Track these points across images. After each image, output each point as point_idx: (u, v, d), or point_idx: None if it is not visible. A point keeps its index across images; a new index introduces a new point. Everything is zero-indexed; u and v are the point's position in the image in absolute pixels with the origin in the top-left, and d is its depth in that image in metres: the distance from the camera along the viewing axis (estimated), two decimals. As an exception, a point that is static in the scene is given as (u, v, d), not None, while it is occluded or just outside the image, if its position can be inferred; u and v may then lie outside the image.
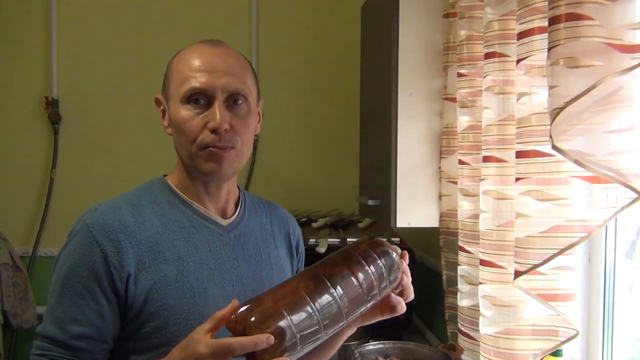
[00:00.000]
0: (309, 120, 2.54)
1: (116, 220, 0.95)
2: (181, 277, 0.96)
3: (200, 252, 0.99)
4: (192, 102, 0.96)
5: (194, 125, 0.95)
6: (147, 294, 0.93)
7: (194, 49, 1.00)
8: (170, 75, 1.00)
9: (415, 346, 1.39)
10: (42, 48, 2.48)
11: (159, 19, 2.51)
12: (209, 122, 0.95)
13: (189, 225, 1.00)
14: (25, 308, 2.33)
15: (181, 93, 0.96)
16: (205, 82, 0.95)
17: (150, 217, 0.98)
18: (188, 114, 0.96)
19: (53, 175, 2.48)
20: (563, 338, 1.03)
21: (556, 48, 0.87)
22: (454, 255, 1.45)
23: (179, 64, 0.99)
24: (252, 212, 1.12)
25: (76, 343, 0.92)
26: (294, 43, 2.54)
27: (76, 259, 0.94)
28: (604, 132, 0.85)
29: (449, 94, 1.49)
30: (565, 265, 1.01)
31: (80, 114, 2.51)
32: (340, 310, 0.84)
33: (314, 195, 2.52)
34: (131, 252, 0.94)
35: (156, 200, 1.01)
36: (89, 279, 0.92)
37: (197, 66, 0.96)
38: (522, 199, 1.03)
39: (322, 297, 0.82)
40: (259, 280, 1.05)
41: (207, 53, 0.98)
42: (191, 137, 0.96)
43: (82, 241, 0.94)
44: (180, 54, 1.02)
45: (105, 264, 0.92)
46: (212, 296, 0.97)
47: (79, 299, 0.93)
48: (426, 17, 1.52)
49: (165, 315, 0.93)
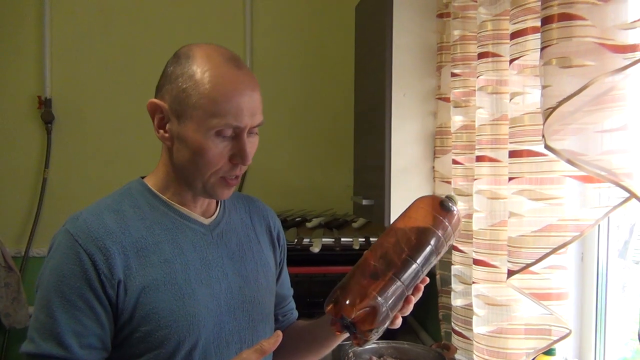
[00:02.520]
0: (302, 120, 2.54)
1: (100, 227, 0.93)
2: (169, 279, 0.95)
3: (185, 253, 0.98)
4: (221, 135, 0.93)
5: (217, 155, 0.94)
6: (136, 299, 0.92)
7: (221, 73, 0.93)
8: (193, 96, 0.92)
9: (409, 346, 1.39)
10: (35, 47, 2.47)
11: (152, 19, 2.50)
12: (237, 157, 0.95)
13: (172, 227, 0.99)
14: (17, 309, 2.32)
15: (214, 126, 0.92)
16: (242, 121, 0.93)
17: (133, 222, 0.97)
18: (216, 146, 0.93)
19: (46, 175, 2.47)
20: (556, 337, 1.04)
21: (549, 48, 0.88)
22: (448, 254, 1.45)
23: (213, 91, 0.92)
24: (231, 209, 1.12)
25: (80, 356, 0.89)
26: (288, 43, 2.54)
27: (65, 270, 0.91)
28: (597, 131, 0.85)
29: (442, 93, 1.50)
30: (558, 264, 1.01)
31: (73, 113, 2.49)
32: (419, 274, 0.93)
33: (308, 195, 2.52)
34: (119, 258, 0.92)
35: (137, 204, 0.99)
36: (82, 288, 0.90)
37: (237, 104, 0.92)
38: (515, 198, 1.03)
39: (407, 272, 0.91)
40: (244, 276, 1.05)
41: (244, 87, 0.94)
42: (214, 168, 0.95)
43: (69, 251, 0.91)
44: (202, 70, 0.93)
45: (95, 272, 0.90)
46: (200, 296, 0.97)
47: (75, 311, 0.90)
48: (420, 17, 1.53)
49: (156, 319, 0.93)
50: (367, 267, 0.92)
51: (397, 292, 0.90)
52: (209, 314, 0.97)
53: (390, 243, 0.93)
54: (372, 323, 0.87)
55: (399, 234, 0.94)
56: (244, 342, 1.02)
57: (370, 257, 0.93)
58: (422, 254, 0.91)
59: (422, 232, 0.93)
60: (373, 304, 0.87)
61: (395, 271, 0.90)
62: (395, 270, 0.90)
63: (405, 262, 0.90)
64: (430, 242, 0.92)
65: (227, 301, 1.01)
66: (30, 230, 2.46)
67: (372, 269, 0.91)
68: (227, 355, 0.99)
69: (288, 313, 1.24)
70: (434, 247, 0.93)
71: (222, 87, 0.92)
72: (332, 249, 1.91)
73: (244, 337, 1.03)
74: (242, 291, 1.04)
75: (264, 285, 1.09)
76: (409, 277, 0.90)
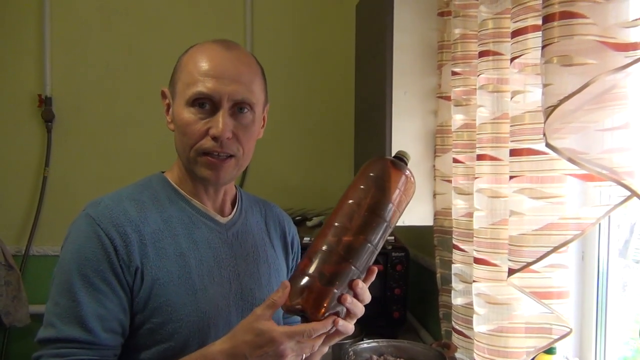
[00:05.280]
0: (303, 118, 2.54)
1: (121, 213, 0.94)
2: (183, 273, 0.95)
3: (200, 249, 0.99)
4: (197, 105, 0.94)
5: (196, 129, 0.94)
6: (150, 289, 0.92)
7: (206, 49, 0.97)
8: (179, 73, 0.98)
9: (409, 344, 1.39)
10: (35, 45, 2.46)
11: (152, 18, 2.50)
12: (211, 129, 0.93)
13: (189, 222, 1.00)
14: (18, 307, 2.31)
15: (187, 95, 0.94)
16: (212, 88, 0.93)
17: (152, 213, 0.97)
18: (191, 117, 0.94)
19: (46, 173, 2.46)
20: (556, 336, 1.04)
21: (550, 46, 0.87)
22: (448, 253, 1.45)
23: (188, 63, 0.96)
24: (248, 211, 1.12)
25: (103, 340, 0.89)
26: (288, 42, 2.54)
27: (88, 252, 0.90)
28: (598, 130, 0.85)
29: (443, 92, 1.49)
30: (558, 263, 1.01)
31: (73, 111, 2.49)
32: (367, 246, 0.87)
33: (308, 193, 2.52)
34: (137, 245, 0.92)
35: (156, 196, 1.00)
36: (106, 272, 0.89)
37: (205, 70, 0.94)
38: (516, 197, 1.03)
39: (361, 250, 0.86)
40: (256, 278, 1.05)
41: (219, 57, 0.96)
42: (191, 142, 0.95)
43: (91, 235, 0.91)
44: (191, 52, 0.99)
45: (117, 256, 0.90)
46: (212, 294, 0.97)
47: (98, 294, 0.89)
48: (421, 15, 1.52)
49: (168, 312, 0.93)
50: (311, 252, 0.87)
51: (345, 271, 0.84)
52: (219, 312, 0.97)
53: (337, 221, 0.88)
54: (318, 305, 0.83)
55: (347, 209, 0.89)
56: None
57: (316, 240, 0.89)
58: (373, 231, 0.86)
59: (372, 205, 0.87)
60: (312, 285, 0.83)
61: (343, 251, 0.85)
62: (345, 250, 0.85)
63: (354, 242, 0.85)
64: (381, 215, 0.87)
65: (237, 302, 1.01)
66: (30, 229, 2.46)
67: (316, 251, 0.86)
68: None
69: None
70: (386, 219, 0.87)
71: (197, 58, 0.96)
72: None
73: None
74: (252, 293, 1.03)
75: (275, 289, 1.09)
76: (361, 256, 0.85)
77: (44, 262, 2.44)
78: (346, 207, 0.89)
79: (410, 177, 0.92)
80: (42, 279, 2.44)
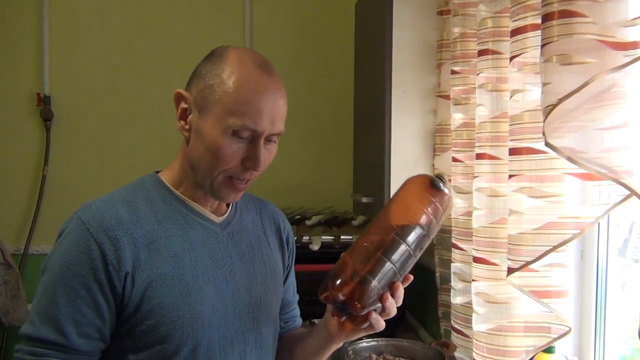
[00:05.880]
0: (302, 117, 2.53)
1: (113, 217, 0.93)
2: (177, 274, 0.95)
3: (195, 250, 0.98)
4: (237, 135, 0.93)
5: (230, 156, 0.94)
6: (143, 292, 0.92)
7: (250, 75, 0.93)
8: (218, 92, 0.93)
9: (408, 343, 1.39)
10: (34, 44, 2.46)
11: (151, 17, 2.50)
12: (249, 161, 0.94)
13: (184, 222, 0.99)
14: (17, 306, 2.31)
15: (231, 124, 0.92)
16: (260, 125, 0.93)
17: (145, 214, 0.97)
18: (230, 145, 0.93)
19: (45, 172, 2.47)
20: (555, 335, 1.04)
21: (549, 45, 0.87)
22: (448, 252, 1.45)
23: (231, 87, 0.92)
24: (244, 209, 1.12)
25: (77, 345, 0.89)
26: (287, 41, 2.53)
27: (73, 257, 0.90)
28: (597, 129, 0.85)
29: (442, 91, 1.49)
30: (558, 262, 1.01)
31: (72, 110, 2.49)
32: (410, 256, 0.92)
33: (307, 192, 2.52)
34: (128, 249, 0.92)
35: (150, 197, 1.00)
36: (87, 278, 0.89)
37: (255, 106, 0.92)
38: (515, 196, 1.03)
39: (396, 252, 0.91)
40: (251, 277, 1.05)
41: (265, 90, 0.94)
42: (223, 167, 0.95)
43: (79, 239, 0.91)
44: (230, 70, 0.93)
45: (103, 262, 0.90)
46: (207, 294, 0.97)
47: (77, 299, 0.89)
48: (420, 14, 1.53)
49: (162, 314, 0.92)
50: (355, 249, 0.92)
51: (386, 270, 0.89)
52: (214, 312, 0.97)
53: (380, 224, 0.93)
54: (362, 299, 0.87)
55: (389, 215, 0.94)
56: (247, 343, 1.01)
57: (360, 239, 0.93)
58: (411, 234, 0.91)
59: (411, 212, 0.92)
60: (360, 280, 0.87)
61: (384, 251, 0.89)
62: (384, 249, 0.90)
63: (393, 241, 0.90)
64: (419, 221, 0.92)
65: (233, 301, 1.00)
66: (29, 228, 2.46)
67: (361, 249, 0.91)
68: (232, 356, 0.98)
69: (291, 320, 1.22)
70: (423, 227, 0.92)
71: (246, 88, 0.93)
72: (331, 246, 1.91)
73: (248, 338, 1.02)
74: (248, 292, 1.03)
75: (271, 288, 1.09)
76: (399, 257, 0.90)
77: (43, 261, 2.43)
78: (391, 213, 0.94)
79: (448, 195, 0.96)
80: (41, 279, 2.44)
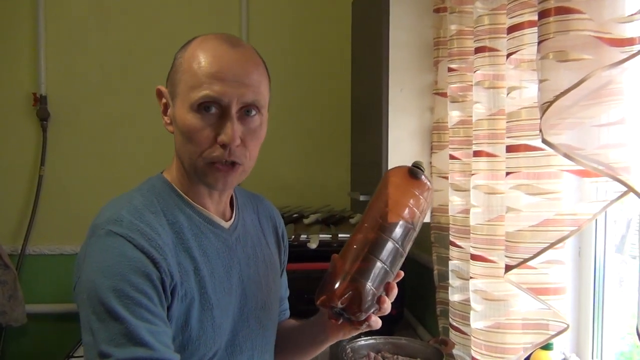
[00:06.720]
0: (299, 115, 2.53)
1: (147, 226, 0.86)
2: (199, 289, 0.90)
3: (211, 261, 0.93)
4: (203, 110, 0.86)
5: (203, 136, 0.87)
6: (178, 307, 0.86)
7: (210, 47, 0.89)
8: (180, 73, 0.90)
9: (406, 341, 1.39)
10: (30, 44, 2.45)
11: (148, 16, 2.49)
12: (220, 136, 0.87)
13: (199, 232, 0.94)
14: (14, 306, 2.31)
15: (192, 99, 0.86)
16: (220, 92, 0.86)
17: (168, 225, 0.90)
18: (198, 122, 0.87)
19: (42, 172, 2.46)
20: (553, 332, 1.04)
21: (546, 42, 0.87)
22: (445, 250, 1.45)
23: (191, 63, 0.88)
24: (244, 210, 1.08)
25: (165, 354, 0.80)
26: (284, 39, 2.53)
27: (123, 268, 0.81)
28: (594, 125, 0.85)
29: (439, 89, 1.49)
30: (555, 259, 1.01)
31: (69, 110, 2.48)
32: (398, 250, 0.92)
33: (305, 191, 2.52)
34: (171, 260, 0.85)
35: (167, 205, 0.93)
36: (145, 285, 0.81)
37: (212, 72, 0.86)
38: (512, 193, 1.03)
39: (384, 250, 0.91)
40: (257, 281, 1.02)
41: (225, 56, 0.88)
42: (199, 149, 0.88)
43: (122, 251, 0.82)
44: (193, 50, 0.90)
45: (156, 268, 0.82)
46: (224, 305, 0.93)
47: (142, 310, 0.80)
48: (416, 12, 1.52)
49: (188, 331, 0.87)
50: (345, 251, 0.91)
51: (378, 271, 0.89)
52: (227, 321, 0.95)
53: (365, 223, 0.93)
54: (360, 305, 0.87)
55: (372, 212, 0.93)
56: (255, 348, 1.00)
57: (349, 240, 0.93)
58: (396, 229, 0.91)
59: (394, 207, 0.92)
60: (355, 285, 0.87)
61: (371, 249, 0.89)
62: (371, 248, 0.89)
63: (381, 239, 0.90)
64: (402, 214, 0.91)
65: (241, 307, 0.98)
66: (26, 228, 2.45)
67: (350, 251, 0.91)
68: None
69: (282, 314, 1.20)
70: (407, 220, 0.92)
71: (204, 59, 0.88)
72: (329, 245, 1.91)
73: (255, 343, 1.00)
74: (255, 298, 1.00)
75: (273, 290, 1.07)
76: (387, 255, 0.90)
77: (40, 261, 2.42)
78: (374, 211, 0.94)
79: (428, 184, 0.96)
80: (38, 278, 2.43)
